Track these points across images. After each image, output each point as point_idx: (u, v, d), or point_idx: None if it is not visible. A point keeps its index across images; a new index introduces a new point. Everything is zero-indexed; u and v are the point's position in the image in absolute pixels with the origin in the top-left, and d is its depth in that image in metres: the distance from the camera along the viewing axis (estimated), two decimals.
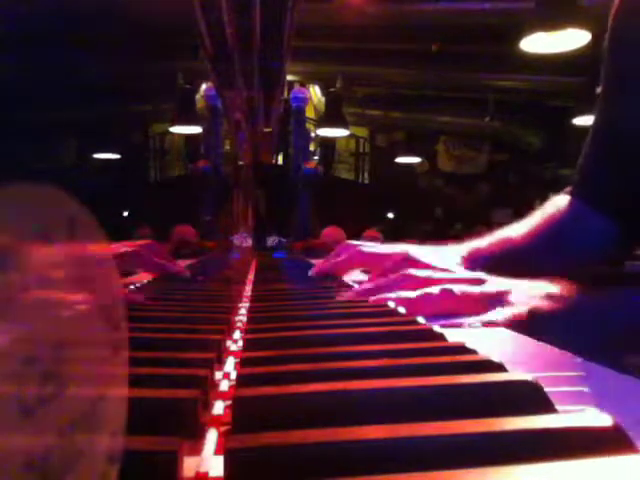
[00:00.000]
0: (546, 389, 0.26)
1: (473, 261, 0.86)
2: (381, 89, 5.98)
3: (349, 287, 0.79)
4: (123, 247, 0.98)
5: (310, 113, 6.03)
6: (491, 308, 0.60)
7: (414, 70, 5.05)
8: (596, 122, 0.93)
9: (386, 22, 4.06)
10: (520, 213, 1.01)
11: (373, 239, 3.52)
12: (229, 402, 0.30)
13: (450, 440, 0.21)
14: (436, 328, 0.43)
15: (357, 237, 2.98)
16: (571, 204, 0.95)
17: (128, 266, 0.98)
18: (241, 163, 1.57)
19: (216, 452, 0.24)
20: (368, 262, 0.91)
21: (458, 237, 0.98)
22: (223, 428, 0.26)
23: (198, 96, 4.75)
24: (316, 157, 5.38)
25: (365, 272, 1.01)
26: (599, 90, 0.91)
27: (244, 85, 0.86)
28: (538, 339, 0.47)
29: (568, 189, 0.97)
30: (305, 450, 0.20)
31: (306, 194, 3.91)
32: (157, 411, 0.25)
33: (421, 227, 6.88)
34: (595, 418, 0.22)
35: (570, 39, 3.12)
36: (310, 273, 1.00)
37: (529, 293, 0.62)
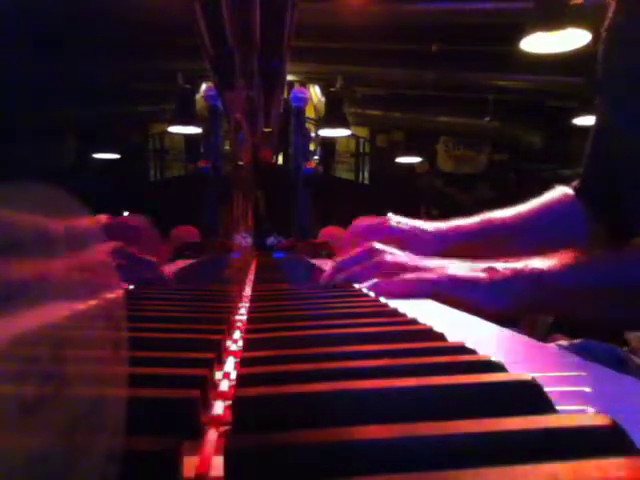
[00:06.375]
0: (546, 389, 0.26)
1: (443, 237, 0.91)
2: (381, 89, 5.97)
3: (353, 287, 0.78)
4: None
5: (310, 113, 6.03)
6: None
7: (414, 70, 5.05)
8: (595, 125, 0.94)
9: (386, 22, 4.06)
10: None
11: None
12: (229, 402, 0.30)
13: (450, 440, 0.21)
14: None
15: None
16: (567, 196, 0.96)
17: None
18: (241, 163, 1.57)
19: (216, 452, 0.24)
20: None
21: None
22: (223, 428, 0.26)
23: (198, 96, 4.74)
24: (316, 157, 5.38)
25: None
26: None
27: (244, 85, 0.86)
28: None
29: (574, 183, 0.98)
30: (305, 450, 0.20)
31: (306, 194, 3.91)
32: (157, 411, 0.25)
33: None
34: (595, 418, 0.22)
35: (570, 39, 3.12)
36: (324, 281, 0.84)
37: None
